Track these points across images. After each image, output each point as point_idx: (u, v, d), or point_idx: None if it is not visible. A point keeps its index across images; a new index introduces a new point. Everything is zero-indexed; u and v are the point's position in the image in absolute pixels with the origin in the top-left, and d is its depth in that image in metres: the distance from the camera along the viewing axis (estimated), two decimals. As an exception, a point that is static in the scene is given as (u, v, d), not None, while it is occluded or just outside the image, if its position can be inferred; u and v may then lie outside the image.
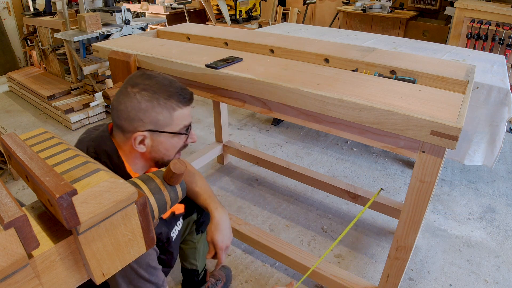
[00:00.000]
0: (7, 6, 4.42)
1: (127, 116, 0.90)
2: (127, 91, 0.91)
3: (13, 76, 3.83)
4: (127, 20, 3.09)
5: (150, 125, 0.92)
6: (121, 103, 0.91)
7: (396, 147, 1.01)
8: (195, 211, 1.34)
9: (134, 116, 0.90)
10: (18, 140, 0.63)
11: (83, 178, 0.53)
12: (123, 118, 0.91)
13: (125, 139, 0.94)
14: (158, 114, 0.91)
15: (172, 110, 0.93)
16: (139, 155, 0.96)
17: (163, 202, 0.80)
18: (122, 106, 0.90)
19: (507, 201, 2.09)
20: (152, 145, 0.94)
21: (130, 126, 0.91)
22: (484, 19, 2.85)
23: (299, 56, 1.47)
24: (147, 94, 0.91)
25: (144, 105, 0.90)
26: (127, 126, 0.91)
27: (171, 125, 0.94)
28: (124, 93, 0.91)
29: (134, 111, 0.90)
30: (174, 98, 0.93)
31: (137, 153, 0.95)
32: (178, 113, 0.95)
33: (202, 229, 1.39)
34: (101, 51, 1.61)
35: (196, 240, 1.38)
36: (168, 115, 0.93)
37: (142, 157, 0.96)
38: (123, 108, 0.90)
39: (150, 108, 0.90)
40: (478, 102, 1.72)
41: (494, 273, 1.62)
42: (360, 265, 1.67)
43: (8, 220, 0.44)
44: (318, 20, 5.15)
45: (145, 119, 0.91)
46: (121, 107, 0.91)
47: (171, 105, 0.93)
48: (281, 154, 2.59)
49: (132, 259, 0.61)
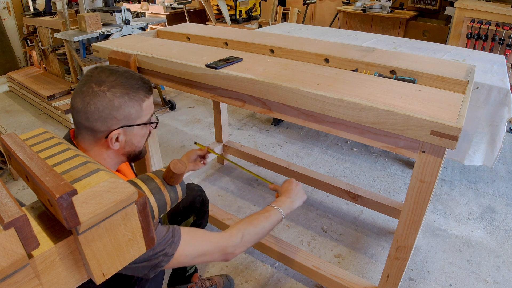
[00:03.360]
0: (7, 6, 4.42)
1: (99, 116, 0.86)
2: (93, 90, 0.86)
3: (13, 76, 3.83)
4: (127, 20, 3.09)
5: (123, 121, 0.89)
6: (89, 104, 0.86)
7: (396, 147, 1.01)
8: (192, 214, 1.34)
9: (107, 115, 0.87)
10: (18, 140, 0.63)
11: (83, 178, 0.53)
12: (94, 120, 0.87)
13: (95, 140, 0.90)
14: (131, 109, 0.89)
15: (141, 102, 0.92)
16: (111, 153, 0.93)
17: (163, 202, 0.80)
18: (91, 107, 0.86)
19: (507, 201, 2.09)
20: (126, 140, 0.92)
21: (103, 126, 0.88)
22: (484, 19, 2.85)
23: (299, 56, 1.46)
24: (117, 90, 0.88)
25: (117, 102, 0.87)
26: (99, 127, 0.88)
27: (142, 116, 0.93)
28: (91, 93, 0.86)
29: (107, 110, 0.86)
30: (141, 90, 0.92)
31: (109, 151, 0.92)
32: (146, 103, 0.93)
33: None
34: (101, 51, 1.60)
35: None
36: (139, 108, 0.91)
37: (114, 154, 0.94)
38: (93, 109, 0.86)
39: (123, 104, 0.88)
40: (478, 102, 1.72)
41: (494, 273, 1.62)
42: (360, 265, 1.67)
43: (8, 220, 0.44)
44: (318, 20, 5.15)
45: (118, 116, 0.88)
46: (91, 108, 0.86)
47: (140, 97, 0.91)
48: (281, 154, 2.59)
49: (132, 259, 0.61)
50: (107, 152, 0.92)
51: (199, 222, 1.38)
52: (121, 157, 0.96)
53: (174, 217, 1.32)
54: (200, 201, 1.35)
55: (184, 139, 2.84)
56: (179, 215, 1.32)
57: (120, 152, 0.94)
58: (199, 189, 1.38)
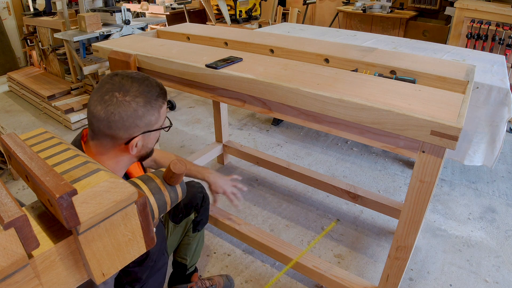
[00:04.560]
0: (7, 6, 4.42)
1: (122, 125, 0.87)
2: (118, 100, 0.87)
3: (13, 76, 3.83)
4: (127, 20, 3.09)
5: (144, 128, 0.91)
6: (114, 114, 0.86)
7: (396, 147, 1.01)
8: (193, 211, 1.35)
9: (130, 124, 0.88)
10: (18, 140, 0.63)
11: (83, 178, 0.53)
12: (117, 128, 0.88)
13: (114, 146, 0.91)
14: (151, 116, 0.91)
15: (159, 108, 0.94)
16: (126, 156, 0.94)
17: (163, 202, 0.80)
18: (115, 117, 0.86)
19: (507, 201, 2.09)
20: (143, 144, 0.94)
21: (125, 134, 0.89)
22: (484, 19, 2.85)
23: (299, 56, 1.46)
24: (141, 100, 0.89)
25: (141, 111, 0.89)
26: (122, 135, 0.89)
27: (159, 121, 0.95)
28: (115, 103, 0.87)
29: (131, 119, 0.88)
30: (160, 97, 0.93)
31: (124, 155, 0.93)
32: (163, 109, 0.96)
33: (199, 228, 1.41)
34: (101, 51, 1.60)
35: (192, 237, 1.41)
36: (157, 115, 0.93)
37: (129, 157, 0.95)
38: (117, 118, 0.86)
39: (146, 113, 0.90)
40: (478, 102, 1.72)
41: (494, 273, 1.62)
42: (360, 265, 1.67)
43: (8, 220, 0.44)
44: (318, 20, 5.15)
45: (140, 124, 0.90)
46: (115, 117, 0.86)
47: (159, 104, 0.93)
48: (281, 154, 2.59)
49: (132, 259, 0.61)
50: (122, 155, 0.93)
51: (200, 219, 1.38)
52: (134, 159, 0.98)
53: (175, 214, 1.33)
54: (200, 198, 1.36)
55: (184, 139, 2.84)
56: (180, 212, 1.33)
57: (135, 155, 0.96)
58: (200, 186, 1.39)
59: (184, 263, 1.43)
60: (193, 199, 1.34)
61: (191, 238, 1.41)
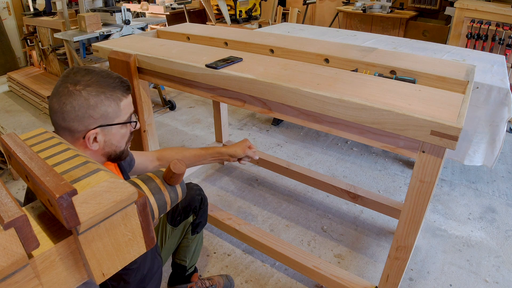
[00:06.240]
0: (7, 6, 4.42)
1: (75, 115, 0.87)
2: (69, 90, 0.87)
3: (13, 76, 3.83)
4: (127, 20, 3.09)
5: (100, 120, 0.90)
6: (65, 104, 0.86)
7: (396, 147, 1.01)
8: (191, 214, 1.34)
9: (83, 114, 0.87)
10: (18, 140, 0.63)
11: (83, 178, 0.53)
12: (70, 119, 0.87)
13: (73, 141, 0.90)
14: (107, 107, 0.90)
15: (118, 101, 0.92)
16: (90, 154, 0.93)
17: (163, 202, 0.80)
18: (67, 107, 0.86)
19: (507, 201, 2.09)
20: (104, 140, 0.92)
21: (80, 126, 0.88)
22: (484, 19, 2.85)
23: (299, 56, 1.46)
24: (93, 89, 0.88)
25: (93, 101, 0.88)
26: (77, 126, 0.88)
27: (120, 116, 0.93)
28: (67, 93, 0.87)
29: (83, 109, 0.87)
30: (118, 89, 0.92)
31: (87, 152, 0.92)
32: (123, 102, 0.94)
33: (198, 230, 1.40)
34: (101, 51, 1.60)
35: (191, 239, 1.40)
36: (116, 107, 0.92)
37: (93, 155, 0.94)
38: (69, 108, 0.86)
39: (98, 102, 0.88)
40: (478, 102, 1.72)
41: (494, 273, 1.62)
42: (360, 265, 1.67)
43: (8, 220, 0.44)
44: (318, 20, 5.15)
45: (95, 115, 0.88)
46: (67, 108, 0.86)
47: (117, 96, 0.92)
48: (281, 154, 2.59)
49: (132, 259, 0.61)
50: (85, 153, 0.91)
51: (198, 222, 1.38)
52: (101, 157, 0.96)
53: (173, 217, 1.32)
54: (199, 200, 1.35)
55: (184, 139, 2.84)
56: (178, 215, 1.32)
57: (100, 152, 0.94)
58: (198, 188, 1.38)
59: (183, 265, 1.43)
60: (192, 202, 1.33)
61: (190, 240, 1.40)
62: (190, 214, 1.34)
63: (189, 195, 1.33)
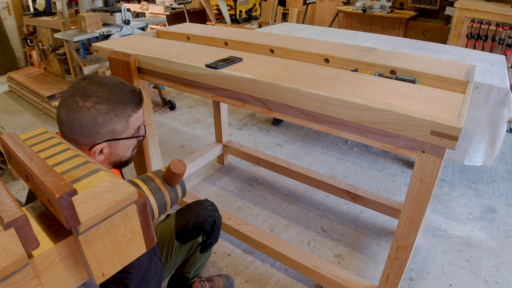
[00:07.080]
0: (7, 6, 4.42)
1: (82, 131, 0.85)
2: (78, 105, 0.84)
3: (13, 76, 3.83)
4: (127, 20, 3.09)
5: (107, 135, 0.88)
6: (73, 119, 0.84)
7: (396, 147, 1.01)
8: (201, 234, 1.28)
9: (90, 131, 0.85)
10: (18, 140, 0.63)
11: (83, 178, 0.53)
12: (77, 133, 0.85)
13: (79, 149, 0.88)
14: (116, 125, 0.88)
15: (128, 117, 0.90)
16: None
17: (163, 202, 0.80)
18: (75, 122, 0.84)
19: (507, 201, 2.09)
20: (110, 152, 0.91)
21: (87, 140, 0.86)
22: (484, 19, 2.85)
23: (299, 56, 1.46)
24: (103, 107, 0.85)
25: (101, 119, 0.85)
26: (82, 140, 0.86)
27: (127, 130, 0.92)
28: (76, 108, 0.84)
29: (90, 126, 0.85)
30: (129, 104, 0.90)
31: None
32: (133, 118, 0.92)
33: (207, 249, 1.35)
34: (101, 51, 1.60)
35: (198, 257, 1.36)
36: (124, 123, 0.90)
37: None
38: (76, 124, 0.84)
39: (107, 121, 0.86)
40: (478, 102, 1.72)
41: (494, 273, 1.62)
42: (360, 265, 1.67)
43: (8, 220, 0.44)
44: (318, 20, 5.15)
45: (102, 132, 0.87)
46: (74, 123, 0.84)
47: (127, 113, 0.90)
48: (281, 154, 2.59)
49: (132, 259, 0.61)
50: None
51: (209, 243, 1.31)
52: (107, 166, 0.95)
53: (182, 234, 1.25)
54: (211, 223, 1.27)
55: (184, 139, 2.84)
56: (187, 233, 1.25)
57: (105, 162, 0.93)
58: (212, 209, 1.29)
59: (187, 276, 1.40)
60: (204, 223, 1.25)
61: (197, 258, 1.35)
62: (200, 235, 1.28)
63: (202, 216, 1.26)
